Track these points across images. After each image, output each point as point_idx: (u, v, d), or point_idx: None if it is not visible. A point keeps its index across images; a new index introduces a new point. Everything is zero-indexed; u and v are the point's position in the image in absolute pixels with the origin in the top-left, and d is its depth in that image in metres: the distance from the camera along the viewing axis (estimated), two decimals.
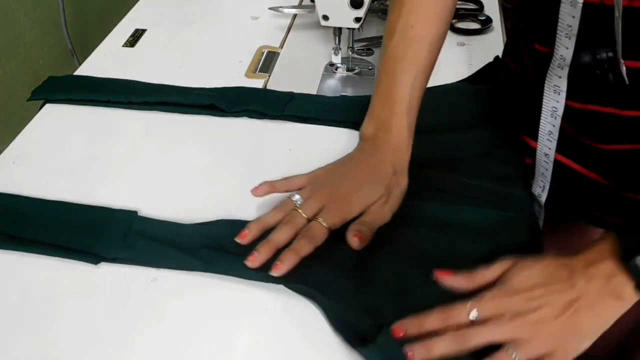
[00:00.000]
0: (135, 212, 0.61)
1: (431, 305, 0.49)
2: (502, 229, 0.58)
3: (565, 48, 0.53)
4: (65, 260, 0.56)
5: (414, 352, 0.47)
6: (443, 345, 0.47)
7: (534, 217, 0.63)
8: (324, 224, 0.55)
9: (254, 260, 0.53)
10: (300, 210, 0.56)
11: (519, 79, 0.65)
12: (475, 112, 0.73)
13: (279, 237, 0.55)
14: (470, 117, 0.72)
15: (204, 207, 0.62)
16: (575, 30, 0.51)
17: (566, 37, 0.53)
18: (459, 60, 0.85)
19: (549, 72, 0.56)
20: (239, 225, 0.57)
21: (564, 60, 0.54)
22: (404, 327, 0.48)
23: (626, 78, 0.49)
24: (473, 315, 0.48)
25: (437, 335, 0.47)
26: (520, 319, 0.47)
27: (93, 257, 0.56)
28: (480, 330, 0.47)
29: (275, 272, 0.53)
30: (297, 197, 0.58)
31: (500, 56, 0.78)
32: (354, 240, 0.54)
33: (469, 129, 0.71)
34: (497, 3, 0.98)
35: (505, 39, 0.90)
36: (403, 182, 0.60)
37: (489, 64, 0.79)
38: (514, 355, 0.46)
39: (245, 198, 0.61)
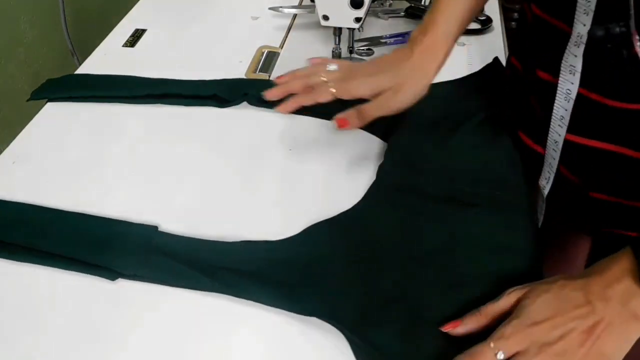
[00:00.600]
0: (155, 228, 0.60)
1: (440, 319, 0.50)
2: (503, 235, 0.58)
3: (582, 25, 0.51)
4: (82, 274, 0.56)
5: None
6: None
7: (534, 217, 0.63)
8: (332, 89, 0.62)
9: (269, 93, 0.64)
10: (322, 75, 0.64)
11: (523, 75, 0.65)
12: (475, 111, 0.73)
13: (293, 85, 0.64)
14: (471, 115, 0.72)
15: (210, 202, 0.62)
16: (593, 6, 0.50)
17: (584, 13, 0.51)
18: (459, 60, 0.85)
19: (566, 51, 0.55)
20: (260, 248, 0.58)
21: (580, 38, 0.52)
22: None
23: (639, 53, 0.48)
24: (500, 356, 0.46)
25: None
26: (546, 350, 0.45)
27: (111, 273, 0.55)
28: None
29: (277, 109, 0.63)
30: (332, 66, 0.65)
31: (499, 57, 0.78)
32: (335, 122, 0.61)
33: (469, 128, 0.71)
34: (497, 3, 0.98)
35: (505, 39, 0.90)
36: (422, 80, 0.62)
37: (488, 65, 0.79)
38: None
39: (251, 191, 0.61)
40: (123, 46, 0.90)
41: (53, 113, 0.77)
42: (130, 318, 0.53)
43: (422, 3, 0.99)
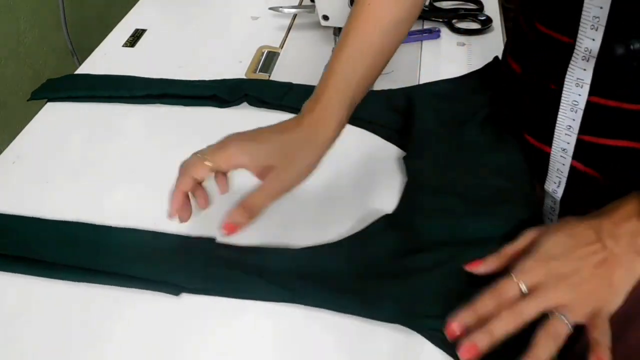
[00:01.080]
0: (213, 240, 0.58)
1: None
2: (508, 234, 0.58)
3: (591, 40, 0.52)
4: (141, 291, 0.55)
5: (476, 341, 0.46)
6: (502, 325, 0.47)
7: (540, 216, 0.63)
8: (207, 162, 0.54)
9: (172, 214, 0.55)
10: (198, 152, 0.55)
11: (521, 77, 0.65)
12: (478, 109, 0.73)
13: (181, 183, 0.55)
14: (474, 113, 0.72)
15: (210, 202, 0.62)
16: (603, 21, 0.50)
17: (592, 28, 0.51)
18: (459, 60, 0.85)
19: (571, 63, 0.55)
20: (321, 252, 0.57)
21: (589, 52, 0.52)
22: (459, 320, 0.48)
23: None
24: (523, 287, 0.48)
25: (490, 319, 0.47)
26: (564, 282, 0.48)
27: (174, 287, 0.54)
28: (531, 302, 0.48)
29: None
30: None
31: (499, 57, 0.78)
32: (223, 232, 0.52)
33: (470, 127, 0.71)
34: (497, 3, 0.98)
35: (505, 39, 0.90)
36: (313, 155, 0.55)
37: (488, 64, 0.79)
38: (565, 320, 0.47)
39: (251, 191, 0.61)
40: (123, 46, 0.90)
41: (53, 113, 0.77)
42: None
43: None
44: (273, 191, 0.53)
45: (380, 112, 0.74)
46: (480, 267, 0.53)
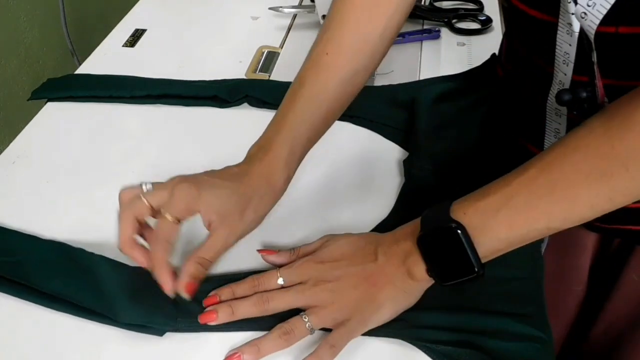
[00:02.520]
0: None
1: None
2: None
3: (563, 74, 0.53)
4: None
5: (218, 312, 0.50)
6: (245, 306, 0.50)
7: None
8: (168, 216, 0.50)
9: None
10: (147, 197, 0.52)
11: (515, 79, 0.65)
12: (475, 108, 0.73)
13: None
14: (472, 112, 0.72)
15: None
16: (572, 58, 0.51)
17: (564, 63, 0.52)
18: (459, 60, 0.85)
19: (549, 94, 0.56)
20: None
21: (562, 85, 0.53)
22: (218, 294, 0.51)
23: None
24: (280, 281, 0.51)
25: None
26: (321, 285, 0.50)
27: (156, 330, 0.51)
28: (281, 294, 0.50)
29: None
30: (147, 186, 0.53)
31: (495, 54, 0.78)
32: (183, 294, 0.50)
33: (469, 128, 0.71)
34: (497, 3, 0.98)
35: None
36: (264, 206, 0.55)
37: (486, 62, 0.79)
38: (306, 320, 0.49)
39: None
40: (123, 46, 0.90)
41: (53, 113, 0.77)
42: None
43: (422, 3, 0.99)
44: (227, 242, 0.52)
45: (382, 110, 0.74)
46: (272, 257, 0.55)
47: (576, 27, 0.49)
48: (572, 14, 0.48)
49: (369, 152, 0.70)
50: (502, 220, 0.45)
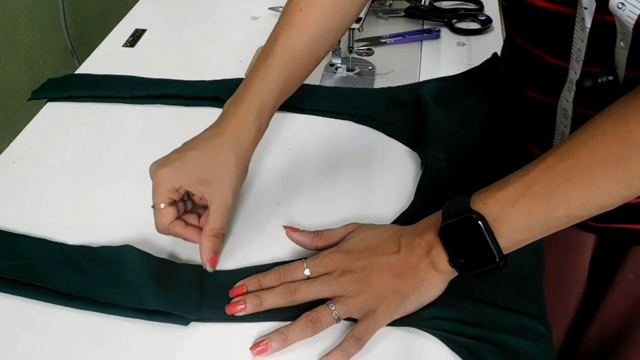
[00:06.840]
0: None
1: None
2: None
3: (574, 72, 0.53)
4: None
5: (246, 302, 0.50)
6: (273, 296, 0.50)
7: None
8: (160, 206, 0.55)
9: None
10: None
11: (520, 79, 0.65)
12: (476, 108, 0.73)
13: None
14: (473, 111, 0.72)
15: None
16: (582, 55, 0.51)
17: (576, 61, 0.52)
18: (458, 60, 0.85)
19: (561, 95, 0.56)
20: None
21: (571, 85, 0.54)
22: (245, 285, 0.52)
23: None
24: (307, 272, 0.52)
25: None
26: (347, 276, 0.50)
27: (181, 318, 0.51)
28: (308, 285, 0.51)
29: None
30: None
31: (498, 54, 0.78)
32: (207, 268, 0.54)
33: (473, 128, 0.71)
34: (497, 3, 0.98)
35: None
36: (239, 161, 0.56)
37: (487, 61, 0.79)
38: (333, 309, 0.49)
39: (252, 191, 0.61)
40: (123, 46, 0.90)
41: (53, 113, 0.77)
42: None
43: (422, 3, 0.99)
44: (226, 205, 0.55)
45: (382, 109, 0.74)
46: (296, 234, 0.56)
47: (588, 22, 0.49)
48: (585, 7, 0.48)
49: (371, 149, 0.70)
50: (521, 209, 0.46)
